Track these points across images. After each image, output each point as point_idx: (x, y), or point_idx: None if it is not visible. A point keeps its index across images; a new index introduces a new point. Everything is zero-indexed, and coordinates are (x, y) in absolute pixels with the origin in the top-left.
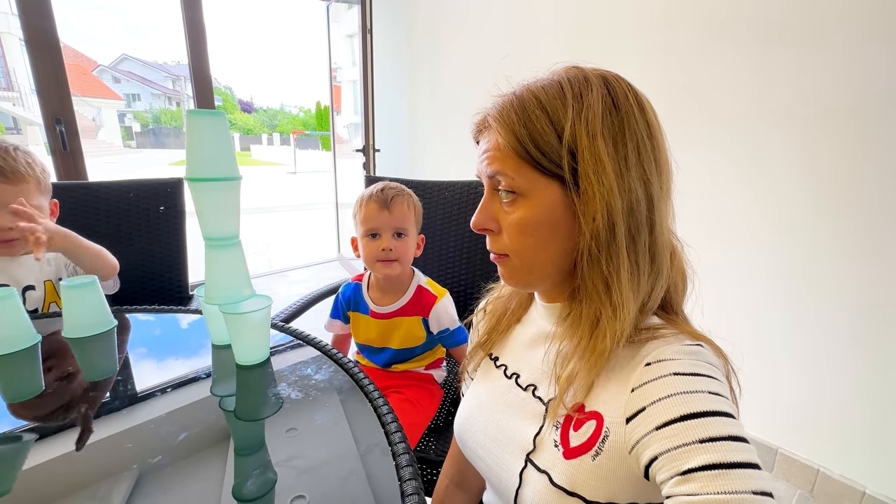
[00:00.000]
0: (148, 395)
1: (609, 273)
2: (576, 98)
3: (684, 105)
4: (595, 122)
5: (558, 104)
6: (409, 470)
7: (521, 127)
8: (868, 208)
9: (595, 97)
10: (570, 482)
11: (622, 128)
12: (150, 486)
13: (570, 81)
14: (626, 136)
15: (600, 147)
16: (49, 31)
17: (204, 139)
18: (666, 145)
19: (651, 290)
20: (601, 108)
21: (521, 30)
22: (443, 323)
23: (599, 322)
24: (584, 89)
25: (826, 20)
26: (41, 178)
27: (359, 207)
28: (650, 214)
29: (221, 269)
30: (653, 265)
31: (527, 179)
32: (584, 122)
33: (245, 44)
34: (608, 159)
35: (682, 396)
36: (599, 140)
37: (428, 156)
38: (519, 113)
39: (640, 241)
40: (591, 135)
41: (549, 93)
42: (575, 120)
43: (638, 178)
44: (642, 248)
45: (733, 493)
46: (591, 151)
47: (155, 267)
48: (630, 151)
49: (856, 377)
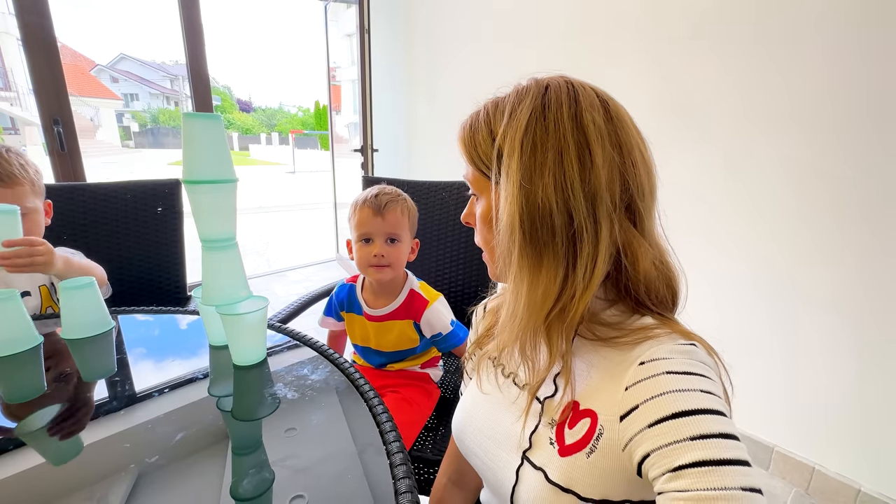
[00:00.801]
0: (146, 395)
1: (504, 269)
2: (514, 106)
3: (669, 110)
4: (518, 130)
5: (499, 115)
6: (402, 469)
7: (470, 136)
8: (858, 208)
9: (525, 106)
10: (565, 479)
11: (544, 135)
12: (149, 486)
13: (518, 92)
14: (549, 143)
15: (515, 155)
16: (46, 31)
17: (200, 142)
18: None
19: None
20: (528, 115)
21: (520, 28)
22: (434, 328)
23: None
24: (523, 98)
25: (803, 22)
26: (35, 180)
27: (353, 212)
28: (569, 221)
29: (218, 270)
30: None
31: (480, 183)
32: (511, 129)
33: (243, 43)
34: (518, 167)
35: (675, 395)
36: (516, 147)
37: (426, 156)
38: (472, 126)
39: (552, 245)
40: (512, 138)
41: (500, 105)
42: (506, 125)
43: (553, 184)
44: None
45: (723, 489)
46: (509, 153)
47: (153, 268)
48: (549, 158)
49: (851, 376)
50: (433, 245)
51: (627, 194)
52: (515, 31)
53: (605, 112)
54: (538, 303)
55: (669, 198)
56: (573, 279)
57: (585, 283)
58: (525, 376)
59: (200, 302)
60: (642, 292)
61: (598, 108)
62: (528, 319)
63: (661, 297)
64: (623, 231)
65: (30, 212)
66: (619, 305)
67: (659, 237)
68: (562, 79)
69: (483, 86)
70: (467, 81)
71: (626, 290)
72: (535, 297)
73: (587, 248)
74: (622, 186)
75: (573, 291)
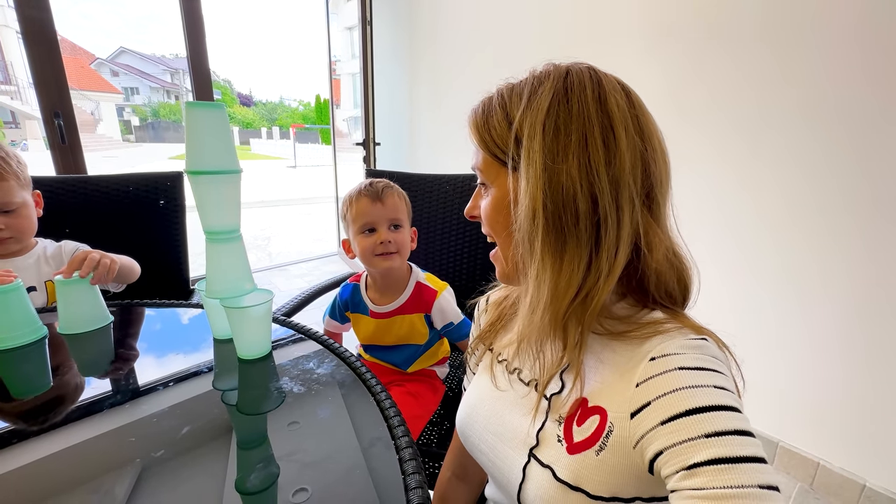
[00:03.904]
0: (150, 389)
1: (525, 258)
2: (532, 91)
3: (673, 106)
4: (540, 111)
5: (515, 98)
6: (412, 463)
7: (484, 121)
8: (867, 203)
9: (548, 89)
10: (573, 477)
11: (568, 118)
12: (153, 479)
13: (535, 76)
14: (572, 126)
15: (537, 138)
16: (46, 24)
17: (203, 132)
18: (634, 143)
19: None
20: (550, 98)
21: (522, 21)
22: (447, 317)
23: (522, 301)
24: (543, 82)
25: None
26: (19, 172)
27: (349, 205)
28: (591, 207)
29: (222, 263)
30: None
31: (491, 171)
32: (531, 112)
33: (244, 37)
34: (541, 149)
35: (688, 391)
36: (538, 128)
37: (428, 149)
38: (485, 110)
39: (570, 231)
40: (532, 123)
41: (516, 89)
42: (525, 109)
43: (578, 170)
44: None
45: (740, 487)
46: (530, 138)
47: (155, 261)
48: (573, 143)
49: (856, 370)
50: (437, 238)
51: (648, 181)
52: (518, 21)
53: (627, 97)
54: (562, 291)
55: (678, 190)
56: (597, 266)
57: (608, 269)
58: (530, 372)
59: (204, 295)
60: (653, 285)
61: (620, 93)
62: (551, 310)
63: (671, 290)
64: (642, 218)
65: (19, 207)
66: (628, 299)
67: (671, 229)
68: (582, 64)
69: (487, 78)
70: (470, 74)
71: (637, 283)
72: (560, 286)
73: (611, 233)
74: (644, 173)
75: (596, 278)
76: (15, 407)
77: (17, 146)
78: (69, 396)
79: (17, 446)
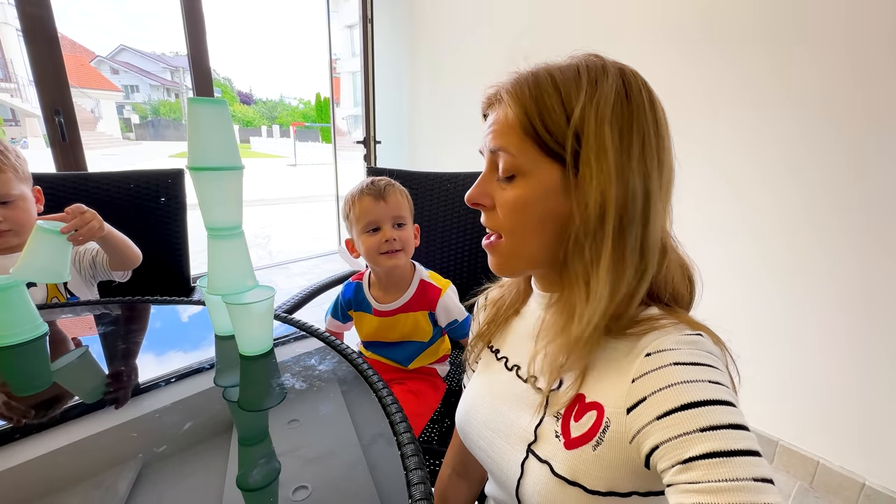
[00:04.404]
0: (152, 385)
1: (590, 260)
2: (590, 83)
3: (670, 107)
4: (605, 108)
5: (572, 86)
6: (414, 459)
7: (532, 102)
8: (864, 204)
9: (609, 85)
10: (570, 472)
11: (631, 120)
12: (155, 475)
13: (588, 67)
14: (634, 128)
15: (606, 134)
16: (46, 21)
17: (205, 127)
18: (671, 147)
19: (637, 283)
20: (613, 96)
21: (522, 20)
22: (451, 314)
23: (575, 308)
24: (600, 76)
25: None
26: (17, 165)
27: (352, 204)
28: (645, 210)
29: (224, 259)
30: (641, 260)
31: (529, 158)
32: (595, 106)
33: (244, 35)
34: (611, 147)
35: (683, 386)
36: (606, 127)
37: (429, 147)
38: (532, 89)
39: (631, 233)
40: (599, 120)
41: (566, 74)
42: (586, 103)
43: (638, 172)
44: (632, 241)
45: (734, 480)
46: (597, 136)
47: (157, 258)
48: (635, 144)
49: (856, 369)
50: (437, 236)
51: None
52: (521, 18)
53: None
54: (618, 296)
55: (682, 190)
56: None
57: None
58: (529, 368)
59: (206, 291)
60: (663, 286)
61: (660, 102)
62: (604, 314)
63: (681, 292)
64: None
65: (17, 199)
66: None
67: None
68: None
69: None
70: (472, 72)
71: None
72: (619, 290)
73: (655, 236)
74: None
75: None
76: (16, 403)
77: (18, 144)
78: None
79: (19, 442)
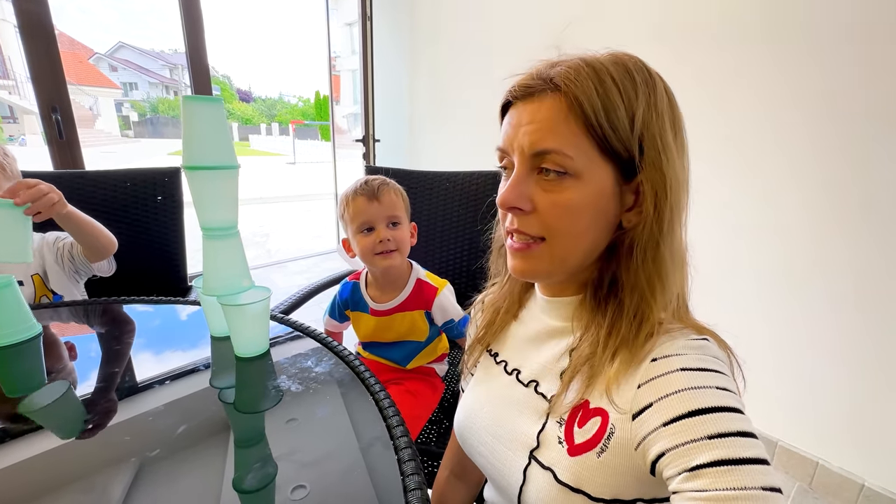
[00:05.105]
0: (146, 386)
1: (655, 264)
2: (644, 83)
3: None
4: (663, 111)
5: (629, 85)
6: (411, 464)
7: (597, 97)
8: (867, 205)
9: (660, 87)
10: (574, 479)
11: (675, 121)
12: (150, 478)
13: (636, 66)
14: (678, 129)
15: (669, 137)
16: (43, 18)
17: (201, 126)
18: None
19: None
20: (666, 99)
21: (523, 18)
22: (448, 314)
23: (644, 316)
24: (647, 77)
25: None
26: (5, 163)
27: (346, 205)
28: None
29: (220, 259)
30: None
31: (585, 157)
32: (655, 108)
33: (243, 32)
34: (673, 150)
35: (690, 392)
36: (668, 130)
37: (429, 146)
38: (596, 83)
39: (677, 233)
40: (660, 122)
41: (619, 71)
42: (649, 105)
43: (686, 173)
44: (678, 241)
45: (742, 489)
46: (663, 140)
47: (153, 257)
48: (680, 146)
49: (855, 370)
50: (436, 236)
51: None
52: (522, 16)
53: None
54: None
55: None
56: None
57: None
58: (530, 373)
59: (201, 292)
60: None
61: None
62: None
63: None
64: None
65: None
66: None
67: None
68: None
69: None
70: (471, 71)
71: None
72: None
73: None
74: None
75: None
76: (9, 405)
77: (16, 141)
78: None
79: (11, 444)
